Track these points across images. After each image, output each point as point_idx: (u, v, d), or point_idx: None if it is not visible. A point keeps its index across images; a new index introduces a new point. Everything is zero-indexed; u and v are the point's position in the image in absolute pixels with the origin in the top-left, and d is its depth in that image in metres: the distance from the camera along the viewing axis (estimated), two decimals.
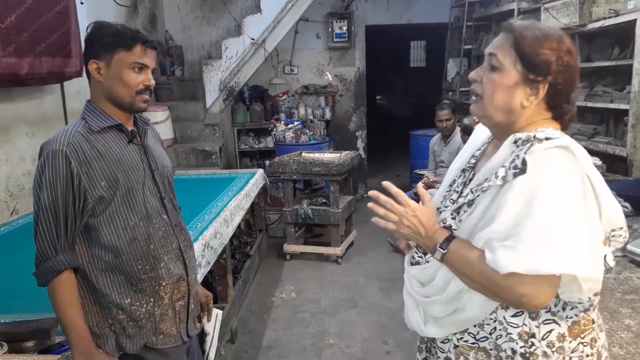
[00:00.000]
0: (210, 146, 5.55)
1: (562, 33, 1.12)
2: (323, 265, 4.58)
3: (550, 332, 1.08)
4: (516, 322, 1.09)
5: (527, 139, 1.06)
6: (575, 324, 1.09)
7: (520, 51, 1.09)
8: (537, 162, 1.02)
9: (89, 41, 1.50)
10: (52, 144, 1.43)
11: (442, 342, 1.22)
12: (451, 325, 1.18)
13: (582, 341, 1.10)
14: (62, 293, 1.41)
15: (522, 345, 1.08)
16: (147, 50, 1.51)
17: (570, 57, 1.09)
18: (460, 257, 1.09)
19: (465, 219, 1.13)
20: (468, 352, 1.16)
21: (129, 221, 1.50)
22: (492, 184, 1.07)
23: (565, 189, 1.00)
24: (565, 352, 1.08)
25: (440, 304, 1.16)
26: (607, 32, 4.18)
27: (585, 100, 4.36)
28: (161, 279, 1.56)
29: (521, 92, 1.10)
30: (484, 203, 1.09)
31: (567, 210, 0.99)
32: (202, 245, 2.52)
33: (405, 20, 7.08)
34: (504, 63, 1.11)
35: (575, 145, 1.04)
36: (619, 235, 1.11)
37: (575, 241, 0.98)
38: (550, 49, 1.07)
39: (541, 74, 1.08)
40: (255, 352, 3.18)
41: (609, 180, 3.52)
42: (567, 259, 0.97)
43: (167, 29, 6.25)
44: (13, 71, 2.97)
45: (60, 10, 3.39)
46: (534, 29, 1.10)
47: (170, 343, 1.60)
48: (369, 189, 6.92)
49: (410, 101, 12.74)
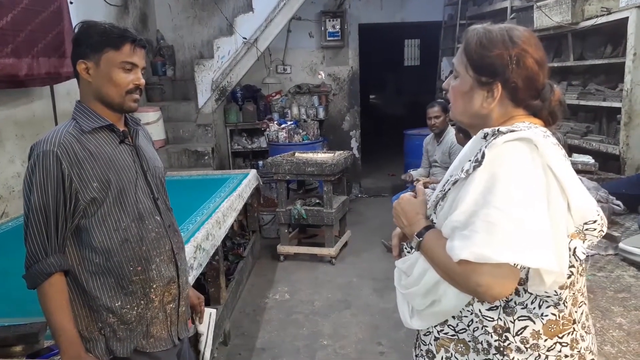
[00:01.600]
0: (202, 147, 5.53)
1: (513, 31, 1.13)
2: (317, 266, 4.56)
3: (524, 329, 1.09)
4: (491, 315, 1.10)
5: (492, 132, 1.08)
6: (553, 322, 1.09)
7: (468, 57, 1.14)
8: (496, 154, 1.03)
9: (77, 41, 1.48)
10: (43, 145, 1.40)
11: (424, 335, 1.24)
12: (431, 317, 1.20)
13: (559, 341, 1.10)
14: (52, 296, 1.39)
15: (496, 338, 1.09)
16: (136, 49, 1.49)
17: (522, 53, 1.10)
18: (432, 245, 1.12)
19: (439, 212, 1.17)
20: (448, 344, 1.18)
21: (121, 222, 1.49)
22: (458, 178, 1.10)
23: (522, 180, 1.00)
24: (540, 350, 1.09)
25: (419, 295, 1.18)
26: (599, 30, 4.19)
27: (578, 99, 4.37)
28: (152, 281, 1.54)
29: (478, 95, 1.14)
30: (451, 196, 1.12)
31: (524, 201, 0.99)
32: (194, 247, 2.50)
33: (399, 19, 7.08)
34: (459, 70, 1.17)
35: (538, 138, 1.04)
36: (593, 228, 1.10)
37: (531, 231, 0.97)
38: (496, 51, 1.10)
39: (490, 75, 1.12)
40: (249, 354, 3.16)
41: (601, 179, 3.53)
42: (520, 249, 0.97)
43: (159, 29, 6.21)
44: (11, 72, 2.94)
45: (54, 10, 3.36)
46: (481, 33, 1.14)
47: (160, 346, 1.58)
48: (362, 189, 6.97)
49: (404, 100, 12.76)
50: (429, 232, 1.15)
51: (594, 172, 3.69)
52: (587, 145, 4.22)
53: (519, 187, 0.99)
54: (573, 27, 4.24)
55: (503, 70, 1.10)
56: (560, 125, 4.76)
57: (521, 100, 1.13)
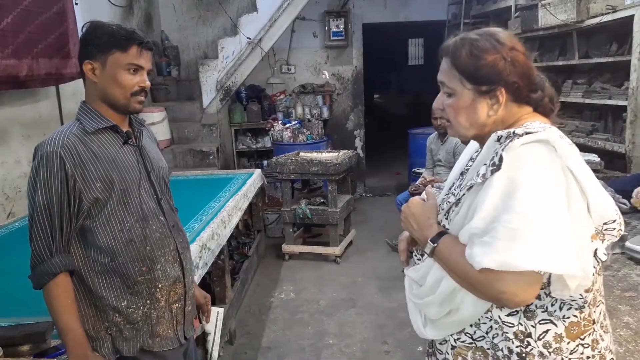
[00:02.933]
0: (207, 147, 5.54)
1: (495, 33, 1.12)
2: (322, 265, 4.56)
3: (546, 332, 1.06)
4: (512, 321, 1.07)
5: (507, 135, 1.05)
6: (574, 324, 1.07)
7: (462, 70, 1.11)
8: (514, 157, 1.01)
9: (84, 41, 1.48)
10: (47, 146, 1.41)
11: (440, 344, 1.21)
12: (448, 327, 1.17)
13: (581, 342, 1.08)
14: (57, 296, 1.40)
15: (518, 344, 1.07)
16: (143, 51, 1.49)
17: (513, 52, 1.09)
18: (448, 252, 1.09)
19: (454, 218, 1.13)
20: (466, 353, 1.15)
21: (125, 223, 1.49)
22: (474, 182, 1.07)
23: (544, 184, 0.98)
24: (563, 353, 1.06)
25: (435, 305, 1.15)
26: (605, 28, 4.17)
27: (584, 97, 4.35)
28: (157, 281, 1.55)
29: (482, 105, 1.11)
30: (467, 201, 1.09)
31: (546, 205, 0.97)
32: (200, 246, 2.51)
33: (403, 18, 7.07)
34: (454, 87, 1.13)
35: (555, 139, 1.03)
36: (612, 228, 1.08)
37: (554, 237, 0.95)
38: (489, 57, 1.08)
39: (491, 83, 1.09)
40: (254, 353, 3.17)
41: (607, 177, 3.52)
42: (544, 256, 0.95)
43: (163, 29, 6.23)
44: (12, 73, 2.95)
45: (57, 11, 3.38)
46: (466, 44, 1.11)
47: (167, 345, 1.59)
48: (367, 188, 6.97)
49: (408, 99, 12.73)
50: (444, 238, 1.12)
51: (600, 170, 3.67)
52: (593, 143, 4.20)
53: (540, 191, 0.97)
54: (578, 25, 4.22)
55: (502, 74, 1.08)
56: (565, 124, 4.74)
57: (524, 97, 1.12)
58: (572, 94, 4.57)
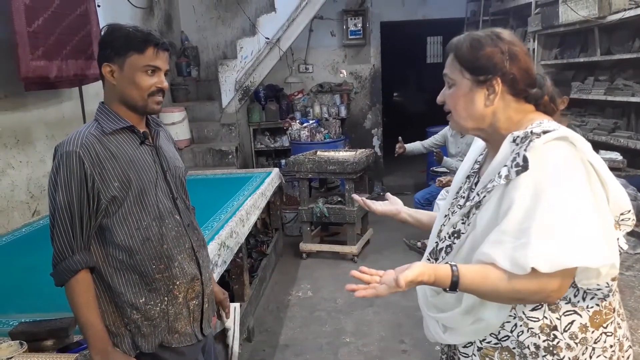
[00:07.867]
0: (226, 146, 5.59)
1: (497, 31, 1.17)
2: (339, 263, 4.58)
3: (572, 323, 1.08)
4: (536, 316, 1.09)
5: (525, 135, 1.07)
6: (597, 313, 1.09)
7: (463, 61, 1.17)
8: (539, 157, 1.03)
9: (103, 44, 1.51)
10: (66, 146, 1.44)
11: (464, 347, 1.22)
12: (472, 334, 1.17)
13: (604, 331, 1.10)
14: (79, 293, 1.43)
15: (544, 339, 1.08)
16: (160, 52, 1.50)
17: (512, 47, 1.14)
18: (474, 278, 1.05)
19: (475, 220, 1.14)
20: (492, 353, 1.16)
21: (142, 221, 1.52)
22: (496, 184, 1.08)
23: (571, 180, 1.01)
24: (588, 343, 1.08)
25: (458, 316, 1.16)
26: (627, 24, 4.09)
27: (606, 94, 4.28)
28: (175, 278, 1.57)
29: (479, 95, 1.16)
30: (491, 204, 1.10)
31: (577, 200, 1.00)
32: (218, 244, 2.54)
33: (421, 16, 7.02)
34: (455, 78, 1.19)
35: (573, 135, 1.05)
36: (627, 218, 1.12)
37: (590, 231, 0.99)
38: (488, 49, 1.13)
39: (488, 72, 1.13)
40: (272, 351, 3.19)
41: (630, 175, 3.45)
42: (586, 250, 0.98)
43: (183, 30, 6.30)
44: (43, 74, 3.03)
45: (81, 13, 3.45)
46: (468, 39, 1.17)
47: (185, 342, 1.61)
48: (385, 187, 6.94)
49: (427, 97, 12.63)
50: (461, 269, 1.06)
51: (622, 169, 3.61)
52: (615, 141, 4.13)
53: (569, 187, 1.00)
54: (600, 21, 4.15)
55: (499, 64, 1.12)
56: (586, 122, 4.66)
57: (521, 90, 1.15)
58: (594, 91, 4.49)
